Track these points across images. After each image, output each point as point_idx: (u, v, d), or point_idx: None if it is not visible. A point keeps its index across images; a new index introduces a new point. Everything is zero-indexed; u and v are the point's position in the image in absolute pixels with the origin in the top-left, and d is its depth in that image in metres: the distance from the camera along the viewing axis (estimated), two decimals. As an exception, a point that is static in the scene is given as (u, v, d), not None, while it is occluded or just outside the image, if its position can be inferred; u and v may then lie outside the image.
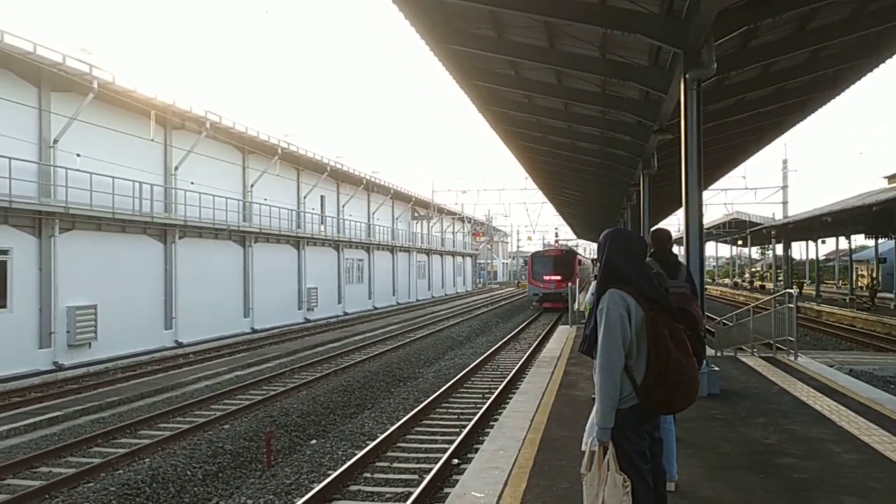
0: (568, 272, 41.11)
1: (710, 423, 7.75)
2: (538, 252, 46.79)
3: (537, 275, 42.32)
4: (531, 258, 44.58)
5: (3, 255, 19.35)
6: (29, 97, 20.45)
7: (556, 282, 40.91)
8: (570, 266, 41.91)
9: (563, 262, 42.31)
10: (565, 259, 42.85)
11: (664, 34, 9.92)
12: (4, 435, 12.45)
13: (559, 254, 44.21)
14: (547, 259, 43.14)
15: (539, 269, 42.49)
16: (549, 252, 45.46)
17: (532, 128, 20.34)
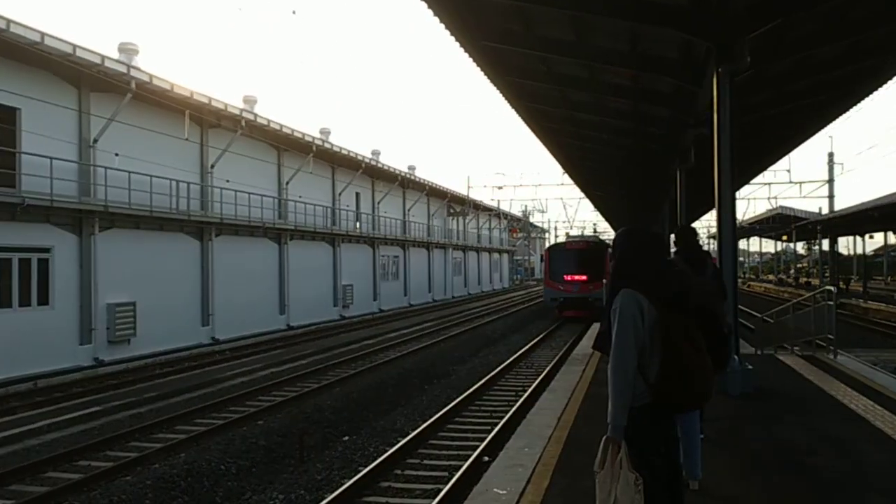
0: (596, 270, 32.20)
1: (741, 422, 7.63)
2: (557, 245, 36.99)
3: (556, 274, 33.51)
4: (548, 252, 35.40)
5: (45, 253, 19.83)
6: (69, 98, 20.91)
7: (581, 283, 32.46)
8: (600, 262, 32.73)
9: (590, 258, 33.28)
10: (593, 253, 33.66)
11: (695, 28, 9.77)
12: (46, 429, 12.77)
13: (585, 247, 34.69)
14: (569, 254, 34.09)
15: (558, 267, 33.57)
16: (572, 245, 35.60)
17: (566, 123, 20.19)
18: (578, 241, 36.98)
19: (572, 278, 32.87)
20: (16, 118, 19.32)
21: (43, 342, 19.33)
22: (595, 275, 31.94)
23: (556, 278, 33.36)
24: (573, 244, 35.87)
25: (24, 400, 15.63)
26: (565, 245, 36.13)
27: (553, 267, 33.87)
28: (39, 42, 18.45)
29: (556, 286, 33.25)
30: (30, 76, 19.40)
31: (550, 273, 33.92)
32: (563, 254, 34.34)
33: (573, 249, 34.52)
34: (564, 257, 33.88)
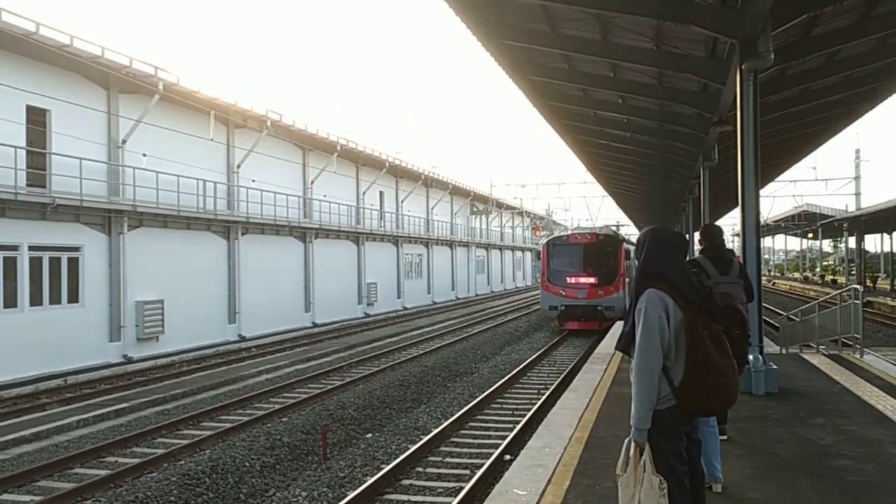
0: (609, 270, 25.67)
1: (765, 423, 7.57)
2: (558, 238, 28.64)
3: (556, 275, 26.34)
4: (546, 248, 27.56)
5: (75, 251, 20.16)
6: (98, 100, 21.22)
7: (589, 287, 25.43)
8: (613, 260, 25.91)
9: (600, 254, 26.14)
10: (604, 249, 26.29)
11: (719, 24, 9.70)
12: (74, 425, 12.99)
13: (593, 240, 26.59)
14: (573, 249, 26.50)
15: (559, 266, 26.48)
16: (578, 238, 27.28)
17: (589, 121, 20.13)
18: (585, 233, 27.49)
19: (577, 280, 25.63)
20: (46, 119, 19.66)
21: (73, 339, 19.66)
22: (607, 276, 25.35)
23: (557, 280, 26.10)
24: (578, 237, 27.18)
25: (53, 396, 15.93)
26: (568, 238, 27.46)
27: (553, 265, 26.62)
28: (69, 45, 18.75)
29: (557, 290, 25.92)
30: (59, 78, 19.72)
31: (549, 273, 26.56)
32: (565, 249, 26.61)
33: (578, 244, 26.47)
34: (567, 253, 26.37)
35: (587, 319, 25.13)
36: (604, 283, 25.31)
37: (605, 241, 26.62)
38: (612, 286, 25.13)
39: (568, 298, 25.55)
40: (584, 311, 25.23)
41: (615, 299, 24.96)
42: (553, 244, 27.42)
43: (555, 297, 26.00)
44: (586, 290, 25.39)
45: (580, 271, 25.88)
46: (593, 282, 25.47)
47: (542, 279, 27.17)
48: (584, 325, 25.15)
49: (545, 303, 26.78)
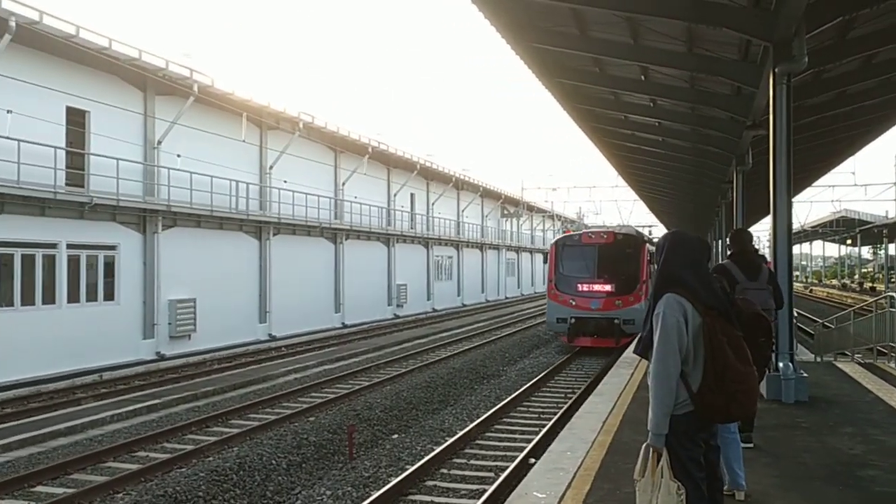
0: (629, 277, 21.64)
1: (793, 432, 7.46)
2: (569, 238, 24.04)
3: (565, 281, 22.25)
4: (554, 248, 23.17)
5: (112, 250, 20.56)
6: (135, 101, 21.64)
7: (605, 296, 21.47)
8: (633, 265, 21.90)
9: (618, 257, 22.05)
10: (623, 251, 22.16)
11: (751, 27, 9.60)
12: (108, 420, 13.25)
13: (610, 240, 22.36)
14: (585, 251, 22.42)
15: (570, 270, 22.42)
16: (591, 238, 22.89)
17: (619, 125, 20.02)
18: (601, 233, 23.30)
19: (590, 287, 21.59)
20: (85, 120, 20.10)
21: (108, 336, 20.05)
22: (626, 283, 21.38)
23: (566, 287, 21.96)
24: (592, 236, 22.91)
25: (89, 391, 16.27)
26: (580, 238, 23.11)
27: (562, 270, 22.40)
28: (107, 47, 19.15)
29: (566, 299, 21.74)
30: (98, 80, 20.14)
31: (558, 279, 22.27)
32: (576, 251, 22.54)
33: (592, 244, 22.24)
34: (579, 256, 22.35)
35: (601, 335, 21.03)
36: (622, 292, 21.22)
37: (624, 241, 22.16)
38: (632, 295, 20.95)
39: (579, 309, 21.34)
40: (597, 324, 21.10)
41: (635, 311, 20.40)
42: (563, 245, 22.83)
43: (563, 307, 21.70)
44: (601, 299, 21.27)
45: (594, 277, 21.63)
46: (609, 290, 21.34)
47: (549, 286, 22.51)
48: (597, 341, 21.13)
49: (552, 315, 22.13)
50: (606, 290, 21.41)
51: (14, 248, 17.70)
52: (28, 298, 18.05)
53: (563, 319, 21.61)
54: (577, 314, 21.42)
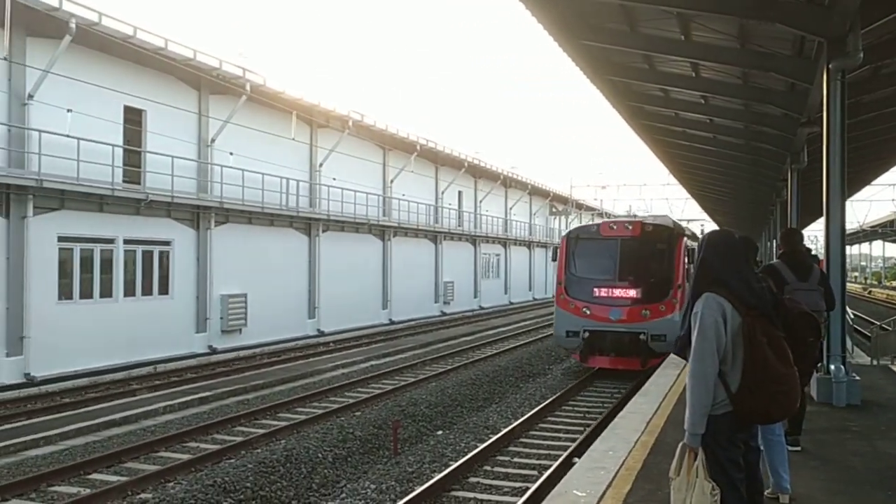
0: (660, 279, 16.86)
1: (843, 436, 7.30)
2: (584, 229, 19.10)
3: (579, 284, 17.42)
4: (565, 243, 18.20)
5: (166, 245, 21.11)
6: (190, 101, 22.16)
7: (629, 303, 16.74)
8: (667, 264, 17.01)
9: (646, 254, 17.35)
10: (653, 246, 17.40)
11: (805, 22, 9.37)
12: (161, 411, 13.64)
13: (635, 232, 17.40)
14: (605, 246, 17.51)
15: (584, 271, 17.59)
16: (612, 229, 17.88)
17: (670, 122, 19.73)
18: (625, 223, 18.20)
19: (610, 293, 16.81)
20: (142, 119, 20.66)
21: (163, 329, 20.59)
22: (656, 287, 16.52)
23: (579, 292, 17.09)
24: (615, 227, 17.85)
25: (143, 383, 16.78)
26: (598, 229, 17.99)
27: (573, 269, 17.46)
28: (163, 48, 19.65)
29: (578, 307, 16.88)
30: (154, 80, 20.68)
31: (568, 281, 17.35)
32: (593, 246, 17.55)
33: (613, 237, 17.33)
34: (597, 252, 17.41)
35: (622, 354, 16.27)
36: (651, 299, 16.27)
37: (654, 234, 17.12)
38: (664, 303, 16.06)
39: (594, 320, 16.47)
40: (618, 340, 16.23)
41: (667, 324, 15.61)
42: (576, 238, 17.81)
43: (575, 317, 16.69)
44: (623, 308, 16.42)
45: (615, 279, 16.75)
46: (634, 295, 16.45)
47: (558, 290, 17.49)
48: (618, 361, 16.37)
49: (560, 326, 17.11)
50: (630, 296, 16.51)
51: (73, 242, 18.30)
52: (86, 292, 18.65)
53: (575, 333, 16.57)
54: (592, 326, 16.42)
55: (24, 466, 10.18)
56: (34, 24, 17.00)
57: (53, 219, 17.65)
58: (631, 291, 16.62)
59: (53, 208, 17.65)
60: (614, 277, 16.82)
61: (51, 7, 16.52)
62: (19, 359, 16.65)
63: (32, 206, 16.98)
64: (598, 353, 16.65)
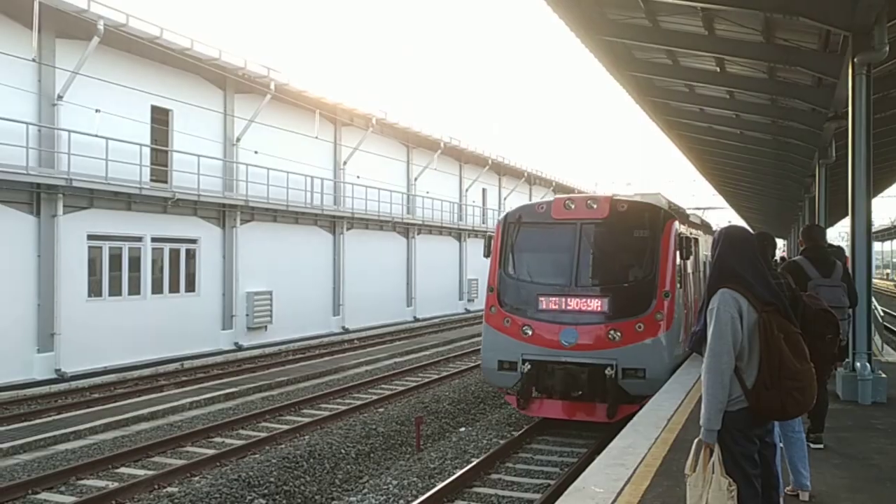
0: (638, 285, 11.23)
1: (867, 433, 7.21)
2: (527, 210, 12.38)
3: (517, 292, 11.77)
4: (500, 230, 12.27)
5: (193, 243, 21.38)
6: (216, 100, 22.41)
7: (592, 320, 10.97)
8: (647, 261, 11.21)
9: (618, 247, 11.61)
10: (627, 234, 11.49)
11: (829, 15, 9.24)
12: (188, 407, 13.83)
13: (604, 214, 11.40)
14: (557, 234, 11.69)
15: (525, 272, 11.89)
16: (568, 210, 11.60)
17: (695, 118, 19.55)
18: (586, 200, 11.93)
19: (563, 304, 11.28)
20: (168, 119, 20.94)
21: (189, 326, 20.86)
22: (633, 294, 11.25)
23: (518, 303, 11.75)
24: (573, 206, 11.75)
25: (170, 379, 17.02)
26: (549, 209, 11.96)
27: (510, 269, 12.11)
28: (189, 48, 19.90)
29: (516, 326, 11.46)
30: (180, 80, 20.95)
31: (501, 287, 11.98)
32: (539, 233, 12.13)
33: (570, 221, 11.65)
34: (544, 243, 12.14)
35: (580, 397, 11.12)
36: (624, 313, 10.95)
37: (630, 216, 11.52)
38: (643, 320, 10.80)
39: (539, 345, 11.15)
40: (573, 376, 10.89)
41: (648, 352, 10.70)
42: (517, 222, 12.18)
43: (511, 340, 11.39)
44: (582, 327, 11.00)
45: (570, 284, 11.25)
46: (599, 308, 11.10)
47: (488, 300, 12.06)
48: (573, 409, 11.11)
49: (490, 354, 11.67)
50: (593, 308, 11.02)
51: (102, 241, 18.61)
52: (115, 289, 18.95)
53: (511, 364, 11.19)
54: (534, 354, 11.02)
55: (55, 460, 10.40)
56: (63, 26, 17.30)
57: (83, 217, 17.96)
58: (594, 303, 11.00)
59: (83, 207, 17.96)
60: (569, 281, 11.14)
61: (79, 9, 16.81)
62: (50, 355, 16.97)
63: (62, 205, 17.29)
64: (545, 396, 11.20)
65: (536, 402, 11.33)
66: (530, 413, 11.59)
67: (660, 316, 10.74)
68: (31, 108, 16.97)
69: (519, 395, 11.24)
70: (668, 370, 10.64)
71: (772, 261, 5.66)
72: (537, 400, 11.32)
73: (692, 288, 12.95)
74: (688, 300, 12.23)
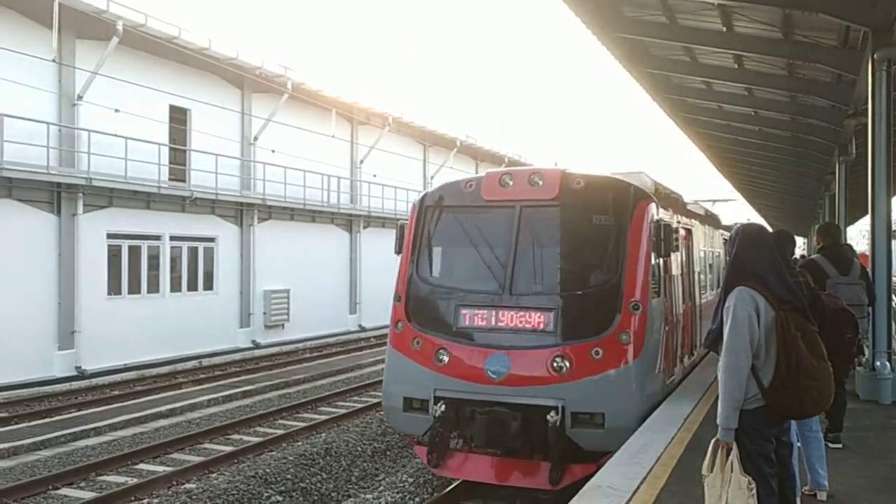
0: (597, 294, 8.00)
1: (888, 433, 7.15)
2: (451, 190, 9.14)
3: (430, 302, 8.61)
4: (414, 215, 9.25)
5: (211, 242, 21.53)
6: (234, 99, 22.55)
7: (530, 343, 7.76)
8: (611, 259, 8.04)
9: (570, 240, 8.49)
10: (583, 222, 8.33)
11: (848, 11, 9.15)
12: (205, 404, 13.95)
13: (552, 194, 8.24)
14: (487, 222, 8.64)
15: (443, 276, 8.91)
16: (503, 190, 8.45)
17: (713, 115, 19.42)
18: (531, 175, 8.57)
19: (491, 319, 7.99)
20: (187, 118, 21.10)
21: (207, 324, 21.02)
22: (590, 305, 8.00)
23: (431, 317, 8.46)
24: (509, 182, 8.53)
25: (189, 376, 17.18)
26: (479, 187, 8.70)
27: (423, 271, 8.89)
28: (207, 48, 20.03)
29: (428, 348, 8.11)
30: (198, 79, 21.09)
31: (411, 295, 8.67)
32: (464, 222, 8.91)
33: (506, 204, 8.46)
34: (470, 234, 8.82)
35: (514, 451, 7.82)
36: (575, 332, 7.82)
37: (588, 197, 8.37)
38: (603, 341, 7.63)
39: (458, 378, 7.93)
40: (503, 423, 7.59)
41: (609, 387, 7.57)
42: (436, 206, 9.28)
43: (422, 369, 8.16)
44: (517, 353, 7.81)
45: (502, 292, 8.14)
46: (540, 325, 7.88)
47: (395, 312, 8.70)
48: (503, 468, 7.90)
49: (395, 388, 8.47)
50: (532, 325, 7.96)
51: (122, 239, 18.78)
52: (134, 287, 19.13)
53: (421, 403, 8.18)
54: (451, 390, 7.99)
55: (75, 456, 10.53)
56: (82, 27, 17.47)
57: (102, 216, 18.13)
58: (534, 317, 7.89)
59: (102, 206, 18.13)
60: (502, 287, 8.12)
61: (98, 9, 16.97)
62: (70, 352, 17.16)
63: (82, 204, 17.47)
64: (466, 450, 8.22)
65: (456, 458, 8.07)
66: (446, 473, 8.32)
67: (626, 337, 7.53)
68: (52, 108, 17.16)
69: (430, 449, 7.93)
70: (639, 415, 7.40)
71: (791, 259, 5.63)
72: (457, 454, 8.10)
73: (681, 294, 9.63)
74: (673, 312, 9.00)
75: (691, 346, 10.42)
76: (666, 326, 8.55)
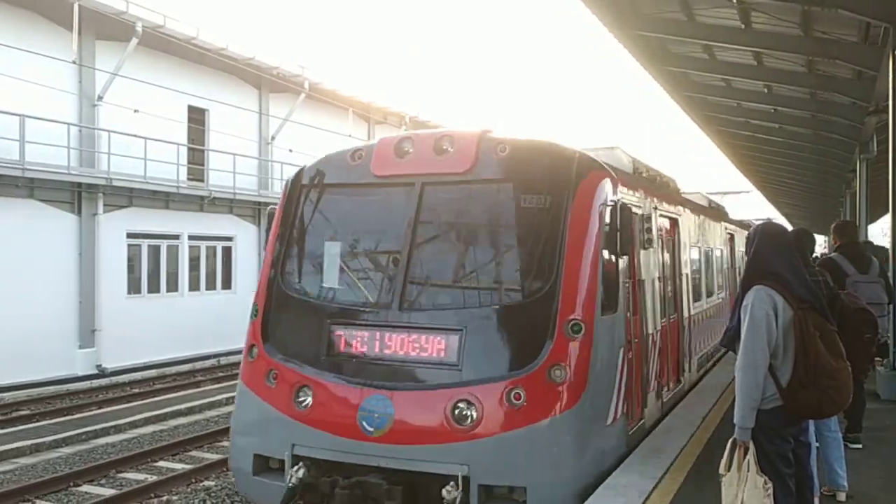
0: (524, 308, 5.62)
1: (909, 434, 7.07)
2: (330, 162, 6.82)
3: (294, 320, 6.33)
4: (286, 198, 6.63)
5: (229, 241, 21.68)
6: (252, 99, 22.69)
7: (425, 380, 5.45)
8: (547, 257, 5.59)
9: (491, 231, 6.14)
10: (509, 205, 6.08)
11: (868, 6, 9.05)
12: (224, 402, 14.00)
13: (466, 165, 5.85)
14: (379, 205, 6.34)
15: (314, 283, 6.46)
16: (400, 162, 6.13)
17: (732, 112, 19.27)
18: (441, 139, 6.13)
19: (375, 344, 5.64)
20: (205, 118, 21.25)
21: (226, 323, 21.10)
22: (517, 325, 5.56)
23: (294, 340, 6.22)
24: (408, 150, 6.21)
25: (207, 375, 17.30)
26: (370, 159, 6.42)
27: (293, 276, 6.55)
28: (225, 48, 20.17)
29: (285, 387, 5.77)
30: (216, 80, 21.24)
31: (271, 310, 6.41)
32: (351, 209, 6.59)
33: (404, 180, 6.13)
34: (357, 224, 6.48)
35: None
36: (491, 364, 5.45)
37: (514, 169, 5.98)
38: (531, 376, 5.25)
39: (322, 429, 5.50)
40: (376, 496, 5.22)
41: (536, 446, 5.13)
42: (313, 186, 6.74)
43: (278, 416, 5.73)
44: (405, 395, 5.43)
45: (391, 304, 5.76)
46: (439, 353, 5.51)
47: (251, 330, 6.47)
48: None
49: (243, 441, 6.04)
50: (428, 354, 5.54)
51: (141, 239, 18.96)
52: (153, 287, 19.30)
53: (276, 464, 5.76)
54: (315, 447, 5.54)
55: (95, 453, 10.63)
56: (102, 28, 17.65)
57: (122, 216, 18.31)
58: (430, 343, 5.59)
59: (122, 206, 18.31)
60: (391, 298, 5.86)
61: (118, 11, 17.13)
62: (91, 351, 17.34)
63: (102, 204, 17.65)
64: None
65: None
66: None
67: (560, 373, 5.25)
68: (73, 108, 17.36)
69: None
70: (578, 489, 5.20)
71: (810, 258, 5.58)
72: None
73: (658, 306, 7.39)
74: (643, 331, 6.77)
75: (677, 371, 8.30)
76: (628, 353, 6.08)
